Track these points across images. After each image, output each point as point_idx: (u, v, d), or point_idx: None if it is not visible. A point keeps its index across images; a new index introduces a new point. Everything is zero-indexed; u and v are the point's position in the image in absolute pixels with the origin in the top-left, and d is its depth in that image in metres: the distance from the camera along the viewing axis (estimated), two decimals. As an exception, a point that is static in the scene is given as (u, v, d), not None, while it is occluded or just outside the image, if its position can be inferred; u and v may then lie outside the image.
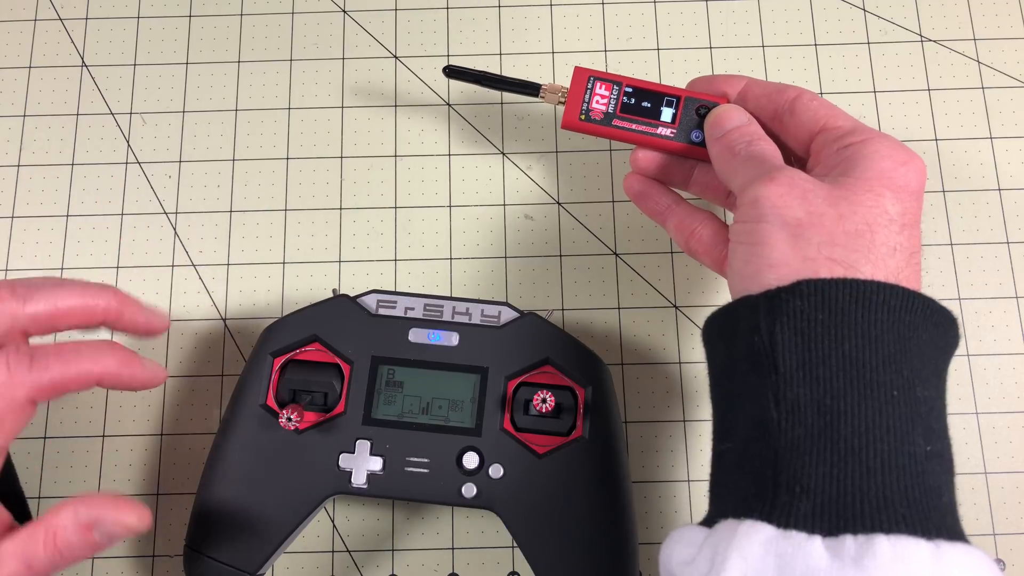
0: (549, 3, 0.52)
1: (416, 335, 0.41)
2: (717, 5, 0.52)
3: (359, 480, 0.39)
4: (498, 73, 0.44)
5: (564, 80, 0.50)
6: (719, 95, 0.40)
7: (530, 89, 0.43)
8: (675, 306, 0.47)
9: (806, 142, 0.37)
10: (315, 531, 0.44)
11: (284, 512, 0.39)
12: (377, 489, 0.39)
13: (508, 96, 0.50)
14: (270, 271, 0.48)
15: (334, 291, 0.43)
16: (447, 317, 0.41)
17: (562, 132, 0.50)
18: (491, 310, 0.41)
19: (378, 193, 0.49)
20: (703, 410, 0.46)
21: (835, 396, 0.30)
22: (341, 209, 0.49)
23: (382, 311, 0.41)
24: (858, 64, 0.51)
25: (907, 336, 0.31)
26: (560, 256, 0.48)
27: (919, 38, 0.51)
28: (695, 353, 0.47)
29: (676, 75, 0.51)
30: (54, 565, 0.34)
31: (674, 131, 0.40)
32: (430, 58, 0.51)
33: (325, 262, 0.48)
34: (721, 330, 0.35)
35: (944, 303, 0.48)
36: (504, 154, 0.50)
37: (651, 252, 0.48)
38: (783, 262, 0.32)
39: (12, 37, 0.52)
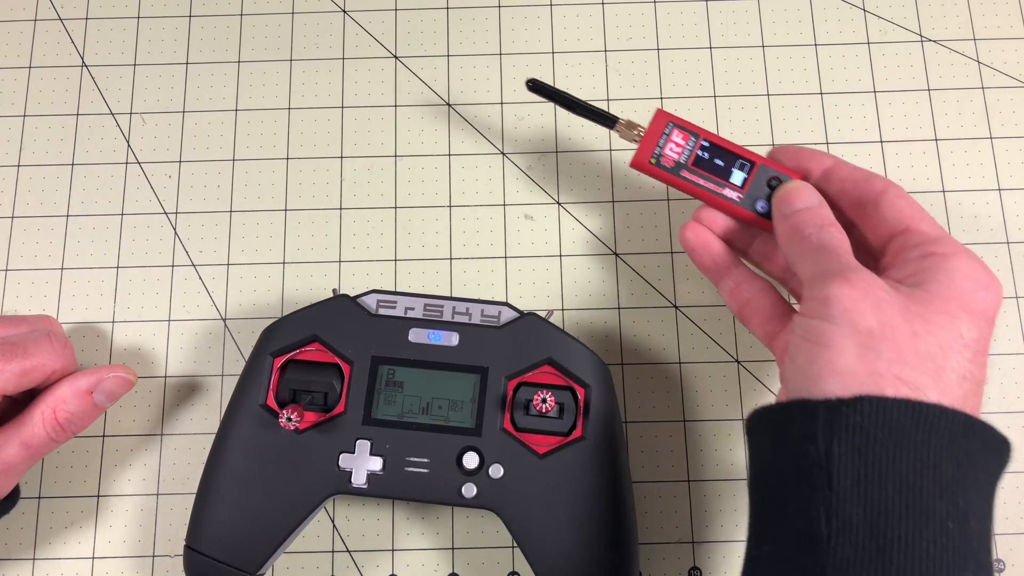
0: (549, 3, 0.52)
1: (416, 335, 0.41)
2: (717, 5, 0.52)
3: (359, 480, 0.39)
4: (579, 98, 0.43)
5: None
6: (800, 170, 0.39)
7: (606, 121, 0.42)
8: (675, 306, 0.47)
9: (885, 239, 0.36)
10: (315, 531, 0.44)
11: (284, 512, 0.39)
12: (377, 489, 0.39)
13: (508, 96, 0.50)
14: (270, 271, 0.48)
15: (334, 291, 0.43)
16: (447, 317, 0.41)
17: (562, 132, 0.50)
18: (491, 310, 0.41)
19: (378, 193, 0.49)
20: (703, 410, 0.46)
21: (890, 520, 0.29)
22: (341, 209, 0.49)
23: (382, 311, 0.41)
24: (858, 64, 0.51)
25: (965, 464, 0.30)
26: (560, 256, 0.48)
27: (919, 38, 0.51)
28: (695, 353, 0.47)
29: (676, 75, 0.51)
30: (54, 440, 0.39)
31: (741, 196, 0.39)
32: (430, 58, 0.51)
33: (325, 262, 0.48)
34: (771, 428, 0.33)
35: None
36: (504, 154, 0.50)
37: (651, 252, 0.48)
38: (849, 371, 0.31)
39: (12, 37, 0.52)
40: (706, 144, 0.40)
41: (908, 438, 0.30)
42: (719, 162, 0.40)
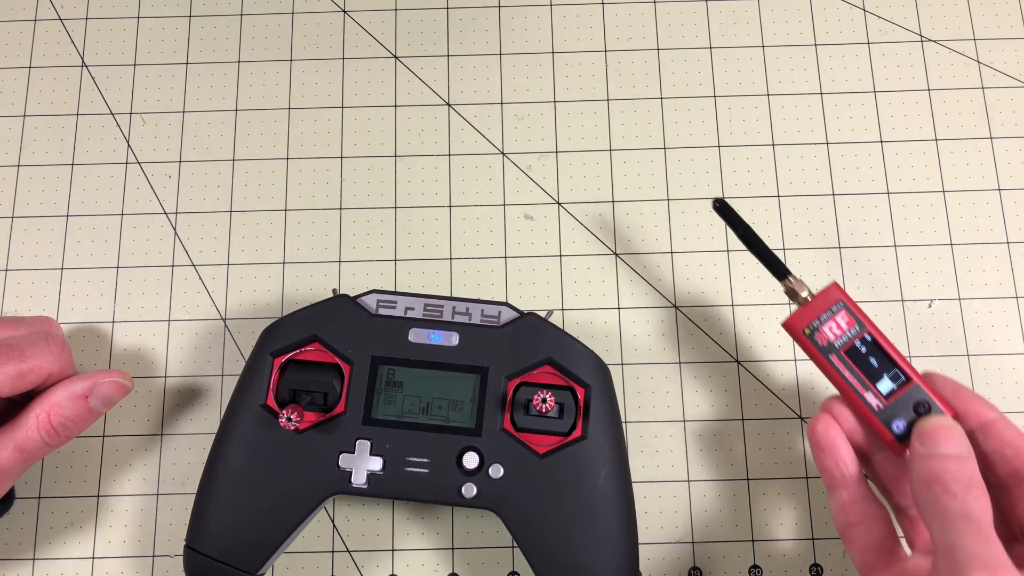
0: (549, 3, 0.52)
1: (416, 335, 0.41)
2: (717, 5, 0.52)
3: (359, 480, 0.39)
4: (759, 236, 0.40)
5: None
6: (956, 409, 0.36)
7: (777, 271, 0.39)
8: (675, 306, 0.47)
9: None
10: (315, 531, 0.44)
11: (284, 512, 0.39)
12: (377, 489, 0.39)
13: (508, 96, 0.51)
14: (270, 271, 0.48)
15: (334, 291, 0.43)
16: (447, 317, 0.41)
17: (562, 131, 0.50)
18: (491, 310, 0.41)
19: (378, 193, 0.49)
20: (703, 410, 0.46)
21: None
22: (341, 209, 0.49)
23: (382, 311, 0.41)
24: (858, 64, 0.51)
25: None
26: (560, 256, 0.48)
27: (919, 38, 0.51)
28: (695, 353, 0.47)
29: (676, 75, 0.51)
30: (48, 444, 0.39)
31: (881, 406, 0.36)
32: (430, 58, 0.51)
33: (325, 262, 0.48)
34: None
35: (944, 303, 0.48)
36: (504, 154, 0.50)
37: (651, 252, 0.48)
38: None
39: (12, 37, 0.52)
40: (868, 338, 0.37)
41: None
42: (873, 362, 0.37)
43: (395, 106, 0.51)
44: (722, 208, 0.41)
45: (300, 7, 0.52)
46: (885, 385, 0.37)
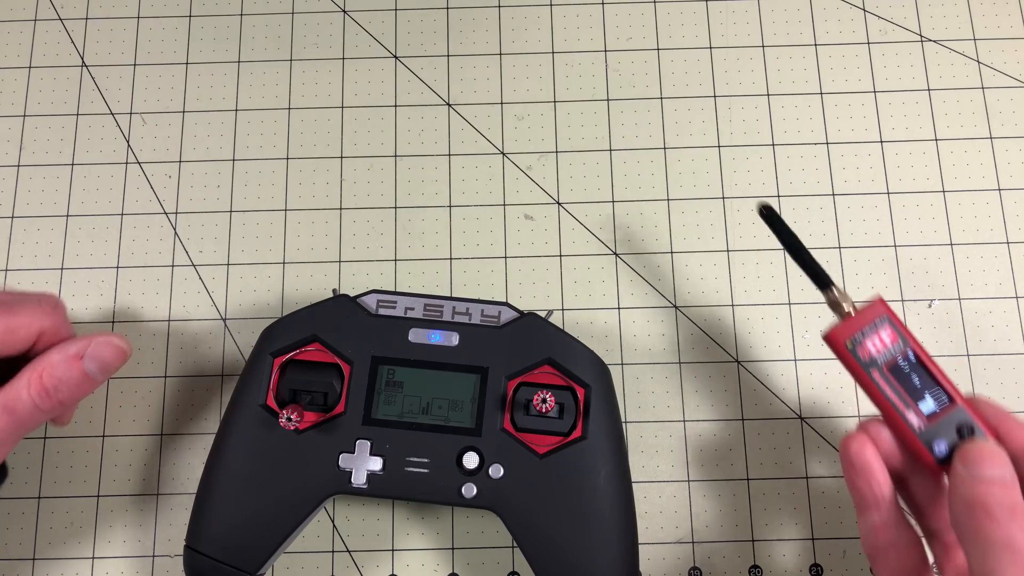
0: (549, 3, 0.52)
1: (416, 335, 0.41)
2: (717, 5, 0.52)
3: (359, 480, 0.39)
4: (803, 244, 0.39)
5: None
6: (998, 434, 0.35)
7: (820, 281, 0.38)
8: (675, 306, 0.47)
9: None
10: (315, 531, 0.44)
11: (284, 512, 0.39)
12: (377, 489, 0.39)
13: (508, 95, 0.51)
14: (270, 271, 0.48)
15: (334, 291, 0.43)
16: (447, 317, 0.41)
17: (562, 131, 0.50)
18: (491, 310, 0.41)
19: (378, 193, 0.49)
20: (703, 410, 0.46)
21: None
22: (341, 209, 0.49)
23: (382, 311, 0.41)
24: (858, 64, 0.51)
25: None
26: (560, 256, 0.48)
27: (919, 38, 0.51)
28: (695, 353, 0.47)
29: (676, 75, 0.51)
30: (39, 408, 0.36)
31: (923, 427, 0.35)
32: (430, 58, 0.51)
33: (325, 262, 0.48)
34: None
35: (944, 303, 0.48)
36: (504, 154, 0.50)
37: (651, 252, 0.48)
38: None
39: (12, 37, 0.52)
40: (911, 356, 0.36)
41: None
42: (916, 380, 0.36)
43: (395, 106, 0.51)
44: (768, 215, 0.39)
45: (300, 7, 0.52)
46: (927, 405, 0.35)
